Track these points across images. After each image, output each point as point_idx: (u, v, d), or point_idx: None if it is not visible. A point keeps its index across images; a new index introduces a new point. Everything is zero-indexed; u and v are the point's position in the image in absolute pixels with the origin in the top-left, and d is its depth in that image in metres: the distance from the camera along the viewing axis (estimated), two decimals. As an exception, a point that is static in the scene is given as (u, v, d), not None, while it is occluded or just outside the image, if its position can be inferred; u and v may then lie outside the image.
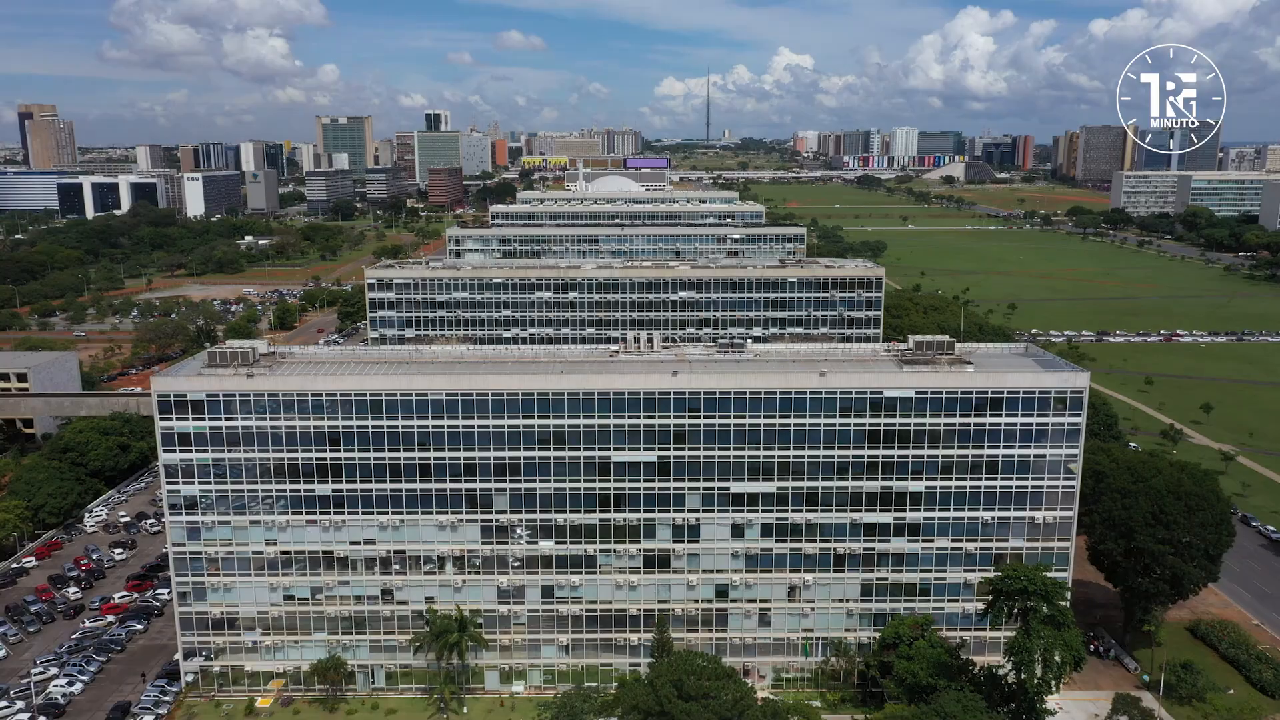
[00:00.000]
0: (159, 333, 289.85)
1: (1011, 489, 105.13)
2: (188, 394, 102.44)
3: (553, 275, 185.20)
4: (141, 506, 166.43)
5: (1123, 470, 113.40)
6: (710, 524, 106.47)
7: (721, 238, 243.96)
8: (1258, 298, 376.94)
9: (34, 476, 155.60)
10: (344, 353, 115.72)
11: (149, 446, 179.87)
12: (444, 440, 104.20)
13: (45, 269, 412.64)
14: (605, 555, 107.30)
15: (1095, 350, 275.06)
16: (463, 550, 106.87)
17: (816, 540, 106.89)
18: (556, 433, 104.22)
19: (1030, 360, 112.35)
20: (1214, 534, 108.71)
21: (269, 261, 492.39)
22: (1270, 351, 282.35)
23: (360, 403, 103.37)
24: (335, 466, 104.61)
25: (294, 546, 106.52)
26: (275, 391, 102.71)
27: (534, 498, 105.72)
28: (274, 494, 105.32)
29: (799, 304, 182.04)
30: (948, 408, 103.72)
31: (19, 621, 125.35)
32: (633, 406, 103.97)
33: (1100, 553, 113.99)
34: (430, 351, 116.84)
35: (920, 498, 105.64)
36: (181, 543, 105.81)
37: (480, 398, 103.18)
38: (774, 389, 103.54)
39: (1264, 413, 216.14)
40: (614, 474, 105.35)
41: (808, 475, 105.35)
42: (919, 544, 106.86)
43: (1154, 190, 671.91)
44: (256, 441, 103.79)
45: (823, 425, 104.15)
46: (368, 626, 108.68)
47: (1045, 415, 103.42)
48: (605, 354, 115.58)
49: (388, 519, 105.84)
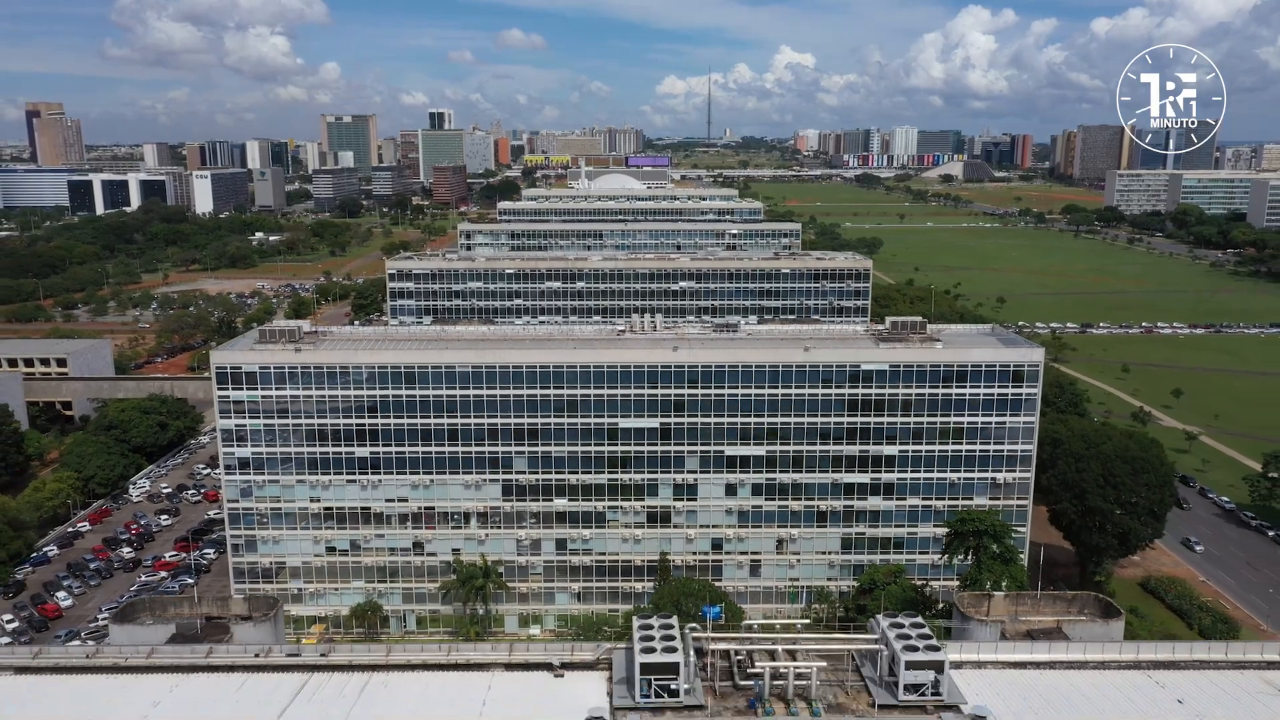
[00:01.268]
0: (181, 323, 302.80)
1: (975, 452, 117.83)
2: (242, 366, 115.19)
3: (561, 266, 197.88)
4: (180, 479, 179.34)
5: (1077, 438, 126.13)
6: (707, 484, 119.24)
7: (720, 233, 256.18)
8: (1240, 293, 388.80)
9: (84, 450, 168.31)
10: (378, 332, 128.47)
11: (185, 426, 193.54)
12: (469, 408, 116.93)
13: (65, 264, 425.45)
14: (613, 512, 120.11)
15: (1078, 341, 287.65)
16: (485, 507, 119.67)
17: (801, 499, 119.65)
18: (569, 401, 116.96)
19: (993, 339, 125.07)
20: (1158, 494, 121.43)
21: (280, 257, 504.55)
22: (1245, 343, 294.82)
23: (394, 374, 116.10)
24: (372, 431, 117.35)
25: (335, 503, 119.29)
26: (319, 364, 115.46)
27: (549, 460, 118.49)
28: (317, 456, 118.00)
29: (792, 293, 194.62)
30: (918, 380, 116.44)
31: (80, 577, 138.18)
32: (637, 378, 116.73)
33: (1058, 513, 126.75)
34: (455, 331, 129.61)
35: (894, 460, 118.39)
36: (235, 500, 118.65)
37: (501, 370, 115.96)
38: (764, 363, 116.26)
39: (1232, 398, 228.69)
40: (620, 439, 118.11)
41: (794, 440, 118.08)
42: (893, 502, 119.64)
43: (1147, 189, 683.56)
44: (302, 409, 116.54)
45: (807, 395, 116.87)
46: (400, 576, 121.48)
47: (1005, 386, 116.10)
48: (613, 333, 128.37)
49: (419, 479, 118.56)
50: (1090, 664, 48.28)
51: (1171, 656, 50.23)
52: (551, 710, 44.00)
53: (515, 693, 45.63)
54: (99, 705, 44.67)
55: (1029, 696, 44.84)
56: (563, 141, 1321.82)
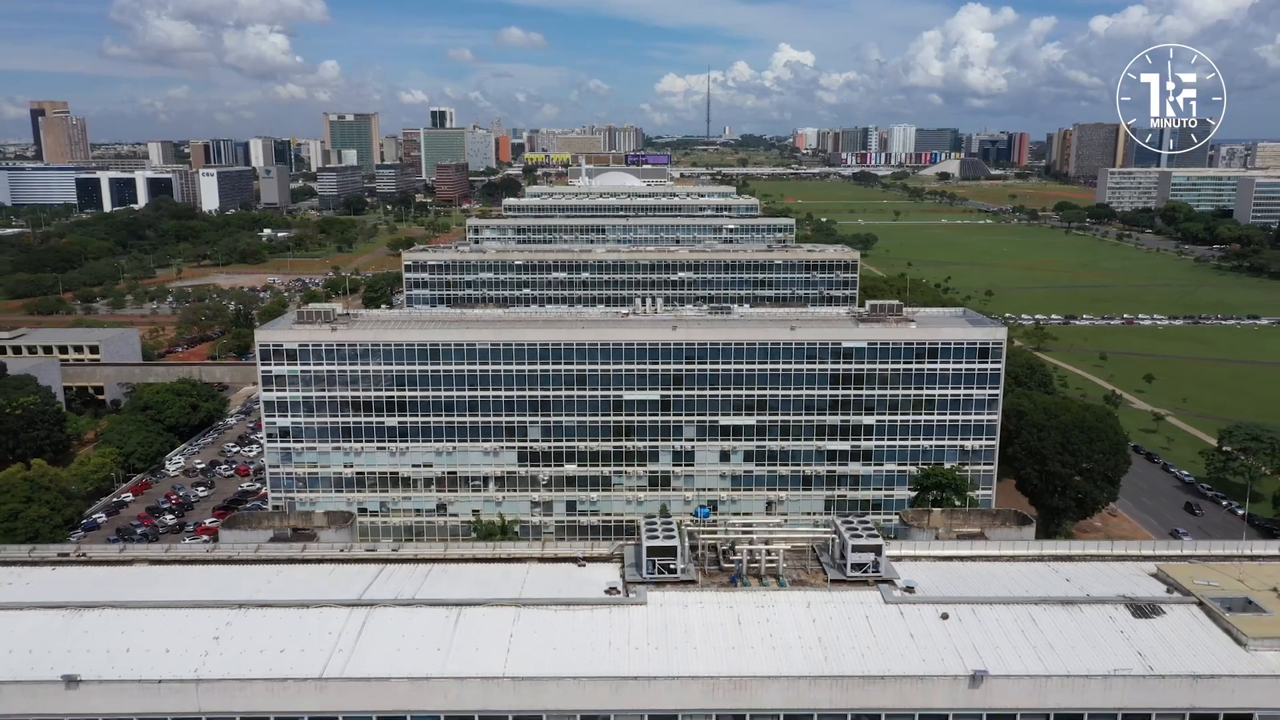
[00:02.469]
0: (200, 315, 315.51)
1: (945, 422, 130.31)
2: (283, 344, 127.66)
3: (567, 258, 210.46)
4: (212, 456, 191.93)
5: (1039, 410, 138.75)
6: (703, 451, 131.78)
7: (717, 227, 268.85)
8: (1221, 287, 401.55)
9: (124, 429, 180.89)
10: (404, 314, 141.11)
11: (213, 408, 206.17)
12: (488, 382, 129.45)
13: (80, 259, 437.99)
14: (618, 476, 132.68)
15: (1060, 331, 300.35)
16: (503, 472, 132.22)
17: (789, 464, 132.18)
18: (579, 376, 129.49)
19: (963, 320, 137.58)
20: (1111, 460, 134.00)
21: (289, 253, 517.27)
22: (1220, 333, 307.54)
23: (421, 351, 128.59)
24: (400, 403, 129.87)
25: (366, 468, 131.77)
26: (353, 342, 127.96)
27: (560, 429, 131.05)
28: (350, 425, 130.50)
29: (784, 283, 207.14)
30: (894, 356, 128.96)
31: (129, 541, 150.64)
32: (640, 355, 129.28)
33: (1023, 479, 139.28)
34: (474, 313, 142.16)
35: (872, 429, 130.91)
36: (277, 464, 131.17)
37: (517, 347, 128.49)
38: (754, 341, 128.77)
39: (1201, 383, 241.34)
40: (625, 410, 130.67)
41: (781, 411, 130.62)
42: (871, 467, 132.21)
43: (1138, 186, 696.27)
44: (337, 382, 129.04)
45: (793, 370, 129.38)
46: (425, 534, 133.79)
47: (972, 362, 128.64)
48: (618, 315, 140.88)
49: (442, 446, 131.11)
50: (1003, 557, 60.37)
51: (1069, 551, 62.35)
52: (577, 586, 56.21)
53: (548, 577, 57.85)
54: (220, 586, 56.79)
55: (950, 577, 57.09)
56: (563, 140, 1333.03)
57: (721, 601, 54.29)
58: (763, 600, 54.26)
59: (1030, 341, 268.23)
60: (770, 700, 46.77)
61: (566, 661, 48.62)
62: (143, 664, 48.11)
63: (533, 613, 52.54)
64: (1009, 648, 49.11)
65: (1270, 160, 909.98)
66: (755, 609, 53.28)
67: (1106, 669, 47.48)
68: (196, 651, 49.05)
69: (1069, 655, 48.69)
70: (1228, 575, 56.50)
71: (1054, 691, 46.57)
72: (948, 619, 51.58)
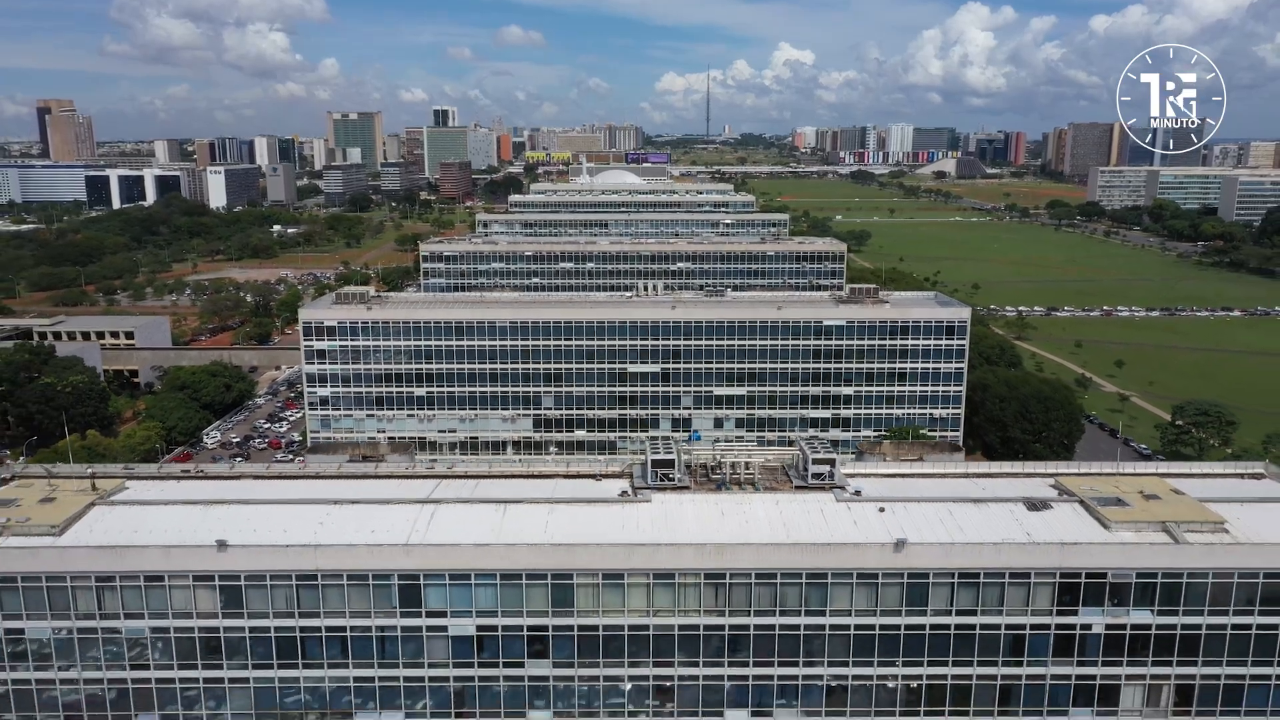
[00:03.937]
0: (221, 306, 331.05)
1: (915, 392, 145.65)
2: (324, 321, 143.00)
3: (573, 249, 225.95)
4: (245, 431, 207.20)
5: (1001, 383, 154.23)
6: (699, 418, 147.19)
7: (715, 222, 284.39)
8: (1201, 281, 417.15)
9: (165, 405, 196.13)
10: (430, 296, 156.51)
11: (244, 389, 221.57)
12: (506, 356, 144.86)
13: (98, 254, 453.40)
14: (623, 441, 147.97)
15: (1041, 322, 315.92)
16: (520, 437, 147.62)
17: (775, 430, 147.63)
18: (588, 350, 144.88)
19: (933, 301, 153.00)
20: (1066, 427, 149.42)
21: (299, 248, 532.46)
22: (1193, 324, 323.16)
23: (446, 328, 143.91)
24: (428, 375, 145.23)
25: (397, 434, 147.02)
26: (386, 320, 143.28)
27: (571, 398, 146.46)
28: (383, 395, 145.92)
29: (775, 273, 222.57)
30: (870, 333, 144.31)
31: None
32: (642, 332, 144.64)
33: (986, 444, 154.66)
34: (493, 295, 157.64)
35: (850, 399, 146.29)
36: (317, 431, 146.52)
37: (533, 324, 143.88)
38: (744, 319, 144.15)
39: (1167, 369, 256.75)
40: (629, 381, 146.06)
41: (769, 382, 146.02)
42: (849, 434, 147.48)
43: (1127, 185, 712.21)
44: (372, 356, 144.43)
45: (780, 345, 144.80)
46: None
47: (939, 339, 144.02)
48: (623, 297, 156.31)
49: (465, 414, 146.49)
50: (935, 474, 75.51)
51: (988, 470, 77.77)
52: (596, 491, 71.69)
53: (572, 487, 73.23)
54: (315, 491, 72.35)
55: (890, 486, 72.39)
56: (563, 138, 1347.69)
57: (709, 500, 69.59)
58: (741, 500, 69.56)
59: (1011, 330, 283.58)
60: (744, 561, 62.02)
61: (591, 536, 64.11)
62: (269, 539, 63.44)
63: (563, 508, 67.87)
64: (928, 529, 64.29)
65: (1262, 159, 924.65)
66: (735, 505, 68.53)
67: (999, 540, 62.87)
68: (308, 531, 64.37)
69: (974, 534, 64.00)
70: (1108, 484, 71.57)
71: (958, 555, 61.75)
72: (884, 511, 66.64)
